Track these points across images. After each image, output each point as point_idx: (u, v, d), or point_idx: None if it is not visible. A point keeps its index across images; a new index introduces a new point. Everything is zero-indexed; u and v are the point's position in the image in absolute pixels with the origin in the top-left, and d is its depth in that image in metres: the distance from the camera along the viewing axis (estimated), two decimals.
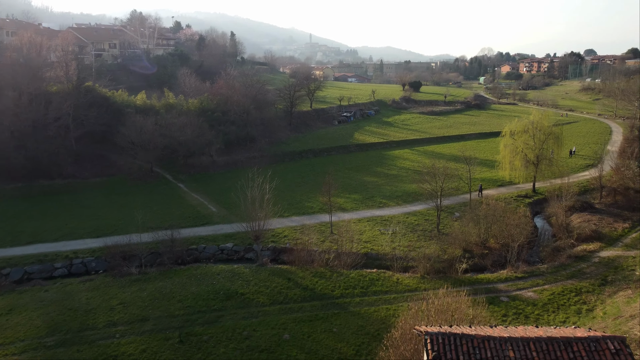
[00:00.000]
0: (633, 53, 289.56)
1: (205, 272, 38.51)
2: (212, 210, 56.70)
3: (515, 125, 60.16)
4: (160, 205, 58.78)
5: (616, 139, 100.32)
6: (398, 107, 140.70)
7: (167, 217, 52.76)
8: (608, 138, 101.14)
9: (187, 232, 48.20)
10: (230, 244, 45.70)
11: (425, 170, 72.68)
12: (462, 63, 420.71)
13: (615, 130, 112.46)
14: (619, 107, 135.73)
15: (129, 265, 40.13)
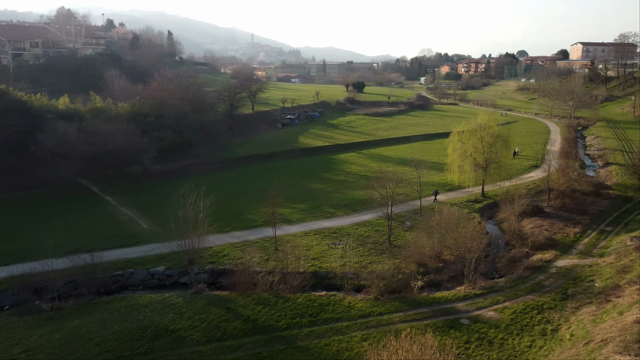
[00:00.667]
0: (562, 54, 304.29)
1: (132, 304, 33.56)
2: (144, 227, 51.23)
3: (463, 128, 58.65)
4: (83, 223, 52.66)
5: (555, 138, 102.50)
6: (343, 108, 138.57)
7: (91, 237, 47.03)
8: (547, 137, 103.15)
9: (113, 255, 42.82)
10: (163, 267, 40.75)
11: (374, 176, 70.90)
12: (403, 63, 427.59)
13: (553, 130, 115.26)
14: (554, 106, 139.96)
15: (41, 299, 34.53)
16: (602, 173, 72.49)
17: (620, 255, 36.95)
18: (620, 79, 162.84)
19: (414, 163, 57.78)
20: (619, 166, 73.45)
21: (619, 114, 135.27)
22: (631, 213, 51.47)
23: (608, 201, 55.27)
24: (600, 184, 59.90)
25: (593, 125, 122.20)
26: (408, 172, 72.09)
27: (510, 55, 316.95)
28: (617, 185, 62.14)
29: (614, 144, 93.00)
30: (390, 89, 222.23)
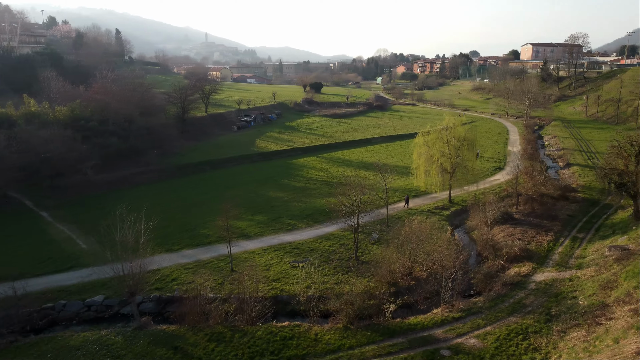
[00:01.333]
0: (513, 54, 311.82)
1: (61, 347, 28.54)
2: (82, 246, 45.62)
3: (429, 132, 55.99)
4: (9, 245, 46.49)
5: (514, 139, 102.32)
6: (301, 109, 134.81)
7: (17, 262, 41.20)
8: (506, 138, 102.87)
9: (43, 283, 37.41)
10: (101, 296, 35.63)
11: (336, 182, 67.50)
12: (359, 63, 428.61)
13: (511, 130, 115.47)
14: (510, 106, 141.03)
15: None
16: (564, 174, 71.83)
17: (600, 267, 34.82)
18: (571, 79, 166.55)
19: (378, 169, 54.40)
20: (580, 167, 73.10)
21: (572, 113, 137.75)
22: (599, 217, 50.17)
23: (576, 205, 53.93)
24: (567, 187, 58.73)
25: (548, 124, 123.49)
26: (371, 177, 69.30)
27: (464, 55, 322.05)
28: (582, 187, 61.24)
29: (572, 144, 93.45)
30: (348, 89, 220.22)
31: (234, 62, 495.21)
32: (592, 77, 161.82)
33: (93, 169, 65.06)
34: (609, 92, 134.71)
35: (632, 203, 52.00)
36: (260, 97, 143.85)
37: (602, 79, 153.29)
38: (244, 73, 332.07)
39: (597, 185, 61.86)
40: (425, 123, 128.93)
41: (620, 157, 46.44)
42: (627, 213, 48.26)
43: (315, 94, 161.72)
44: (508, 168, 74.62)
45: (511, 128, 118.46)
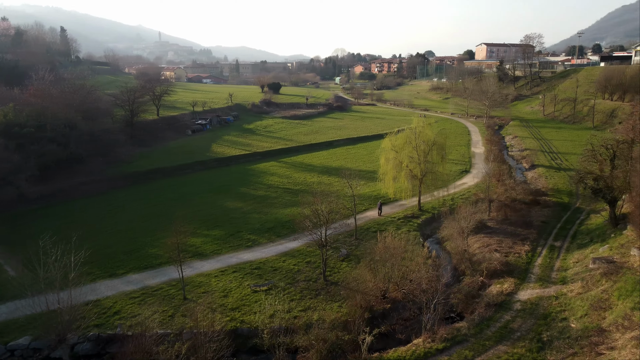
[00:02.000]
0: (469, 54, 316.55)
1: None
2: (10, 273, 39.72)
3: (397, 136, 52.81)
4: None
5: (476, 140, 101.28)
6: (259, 111, 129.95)
7: None
8: (469, 139, 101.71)
9: None
10: (27, 338, 30.20)
11: (298, 189, 63.49)
12: (317, 63, 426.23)
13: (472, 130, 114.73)
14: (470, 106, 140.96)
15: None
16: (531, 176, 70.49)
17: (587, 282, 32.36)
18: (527, 79, 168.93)
19: (345, 177, 50.78)
20: (545, 168, 72.00)
21: (529, 113, 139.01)
22: (573, 223, 48.38)
23: (548, 210, 52.06)
24: (538, 191, 57.00)
25: (508, 124, 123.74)
26: (335, 183, 65.73)
27: (421, 55, 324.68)
28: (552, 190, 59.70)
29: (534, 144, 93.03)
30: (307, 89, 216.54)
31: (188, 62, 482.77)
32: (547, 77, 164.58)
33: (28, 181, 58.41)
34: (564, 92, 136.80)
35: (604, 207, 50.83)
36: (216, 98, 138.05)
37: (557, 79, 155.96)
38: (199, 73, 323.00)
39: (565, 188, 60.65)
40: (386, 124, 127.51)
41: (595, 161, 44.62)
42: (601, 218, 46.60)
43: (274, 95, 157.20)
44: (474, 171, 72.94)
45: (472, 128, 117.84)
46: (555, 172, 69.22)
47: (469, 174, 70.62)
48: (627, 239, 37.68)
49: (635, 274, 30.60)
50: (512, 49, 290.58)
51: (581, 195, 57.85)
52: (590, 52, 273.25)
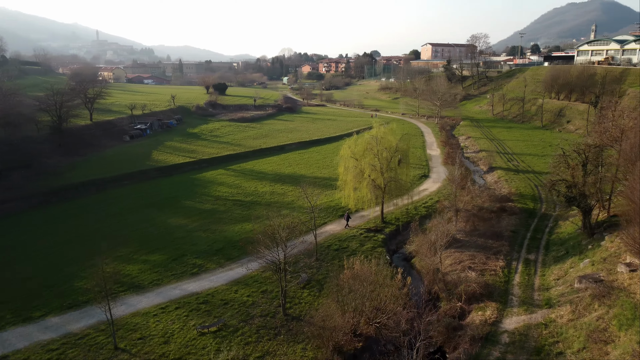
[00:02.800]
0: (414, 54, 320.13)
1: None
2: None
3: (356, 142, 48.56)
4: None
5: (430, 141, 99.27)
6: (204, 114, 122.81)
7: None
8: (423, 140, 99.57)
9: None
10: None
11: (249, 200, 58.05)
12: (264, 63, 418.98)
13: (425, 131, 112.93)
14: (421, 106, 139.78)
15: None
16: (490, 180, 68.48)
17: (577, 305, 29.23)
18: (474, 78, 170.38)
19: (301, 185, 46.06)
20: (503, 171, 70.24)
21: (478, 112, 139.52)
22: (543, 232, 45.97)
23: (515, 218, 49.44)
24: (504, 197, 54.44)
25: (459, 124, 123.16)
26: (289, 193, 60.88)
27: (368, 55, 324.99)
28: (515, 195, 57.45)
29: (488, 145, 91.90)
30: (254, 89, 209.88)
31: (129, 62, 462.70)
32: (493, 77, 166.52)
33: None
34: (511, 91, 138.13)
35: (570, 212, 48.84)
36: (158, 100, 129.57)
37: (503, 78, 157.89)
38: (140, 73, 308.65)
39: (528, 192, 58.69)
40: (338, 125, 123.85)
41: (566, 167, 42.15)
42: (572, 226, 44.33)
43: (220, 96, 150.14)
44: (434, 175, 70.18)
45: (425, 129, 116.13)
46: (515, 175, 67.49)
47: (428, 179, 67.67)
48: (608, 251, 35.10)
49: (630, 296, 27.65)
50: (457, 48, 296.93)
51: (545, 200, 56.08)
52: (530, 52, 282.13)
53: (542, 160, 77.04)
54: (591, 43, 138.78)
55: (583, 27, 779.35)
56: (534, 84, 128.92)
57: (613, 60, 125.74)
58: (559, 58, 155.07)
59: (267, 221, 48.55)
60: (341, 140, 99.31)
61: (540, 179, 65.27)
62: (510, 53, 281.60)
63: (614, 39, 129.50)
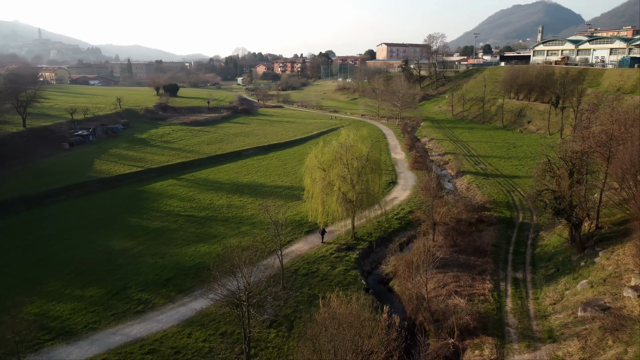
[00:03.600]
0: (370, 54, 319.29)
1: None
2: None
3: (324, 151, 43.68)
4: None
5: (393, 144, 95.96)
6: (154, 117, 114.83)
7: None
8: (386, 143, 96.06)
9: None
10: None
11: (204, 216, 52.16)
12: (217, 63, 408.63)
13: (387, 133, 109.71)
14: (381, 107, 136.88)
15: None
16: (460, 185, 65.39)
17: (587, 341, 25.54)
18: (432, 78, 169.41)
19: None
20: (473, 175, 67.32)
21: (438, 113, 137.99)
22: (525, 245, 42.84)
23: (494, 229, 46.13)
24: (480, 207, 51.04)
25: (420, 125, 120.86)
26: (248, 205, 55.42)
27: (324, 55, 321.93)
28: (489, 202, 54.31)
29: (452, 147, 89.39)
30: (208, 90, 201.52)
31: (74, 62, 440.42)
32: (451, 77, 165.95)
33: None
34: (470, 91, 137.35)
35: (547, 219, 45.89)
36: (103, 102, 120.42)
37: (461, 78, 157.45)
38: (86, 74, 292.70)
39: (502, 199, 55.75)
40: (298, 128, 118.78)
41: (552, 176, 38.88)
42: (556, 238, 41.26)
43: (171, 98, 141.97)
44: (401, 181, 66.40)
45: (386, 131, 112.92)
46: (485, 180, 64.66)
47: (396, 186, 63.77)
48: (606, 271, 31.81)
49: None
50: (412, 48, 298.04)
51: (520, 207, 53.19)
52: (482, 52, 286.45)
53: (509, 162, 74.89)
54: (547, 43, 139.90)
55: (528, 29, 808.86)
56: (492, 84, 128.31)
57: (569, 60, 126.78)
58: (515, 58, 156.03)
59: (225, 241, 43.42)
60: (302, 145, 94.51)
61: (511, 184, 62.70)
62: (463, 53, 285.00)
63: (568, 39, 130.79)
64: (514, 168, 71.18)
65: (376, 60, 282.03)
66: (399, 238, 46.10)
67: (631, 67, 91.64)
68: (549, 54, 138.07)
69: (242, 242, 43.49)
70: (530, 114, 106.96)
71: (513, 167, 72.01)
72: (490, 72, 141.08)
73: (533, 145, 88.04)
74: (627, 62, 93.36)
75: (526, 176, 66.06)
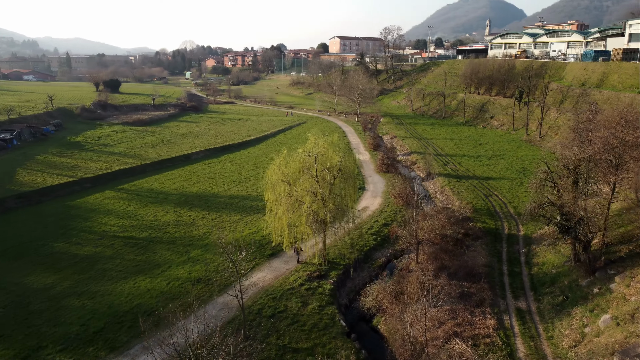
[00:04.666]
0: (323, 47, 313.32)
1: None
2: None
3: (288, 161, 36.71)
4: None
5: (355, 142, 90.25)
6: (91, 117, 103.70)
7: None
8: (347, 142, 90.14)
9: None
10: None
11: (147, 237, 44.13)
12: (164, 57, 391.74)
13: (347, 131, 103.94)
14: (338, 102, 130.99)
15: None
16: (432, 189, 60.29)
17: None
18: (389, 72, 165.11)
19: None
20: (444, 178, 62.37)
21: (396, 108, 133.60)
22: (519, 263, 37.79)
23: (481, 244, 40.88)
24: (464, 218, 45.66)
25: (379, 121, 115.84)
26: (200, 222, 47.91)
27: (276, 48, 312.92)
28: (469, 211, 49.16)
29: (417, 145, 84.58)
30: (153, 86, 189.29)
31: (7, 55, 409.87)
32: (408, 70, 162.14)
33: None
34: (429, 85, 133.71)
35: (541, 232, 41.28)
36: (33, 100, 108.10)
37: (418, 72, 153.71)
38: (19, 68, 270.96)
39: (481, 206, 50.84)
40: (252, 126, 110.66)
41: (552, 186, 33.82)
42: (553, 256, 36.41)
43: (112, 94, 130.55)
44: (370, 187, 60.56)
45: (346, 128, 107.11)
46: (458, 183, 59.81)
47: (365, 192, 57.83)
48: (631, 303, 26.83)
49: None
50: (365, 42, 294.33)
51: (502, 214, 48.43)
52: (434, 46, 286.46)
53: (479, 162, 70.62)
54: (504, 36, 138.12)
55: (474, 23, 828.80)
56: (451, 77, 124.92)
57: (526, 53, 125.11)
58: (472, 51, 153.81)
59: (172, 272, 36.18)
60: (257, 145, 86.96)
61: (486, 186, 58.08)
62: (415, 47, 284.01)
63: (525, 32, 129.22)
64: (486, 168, 66.88)
65: (329, 53, 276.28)
66: (376, 258, 40.13)
67: (595, 60, 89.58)
68: (507, 47, 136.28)
69: (192, 272, 36.28)
70: (493, 109, 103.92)
71: (484, 167, 67.73)
72: (449, 66, 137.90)
73: (499, 142, 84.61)
74: (590, 56, 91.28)
75: (500, 177, 61.81)
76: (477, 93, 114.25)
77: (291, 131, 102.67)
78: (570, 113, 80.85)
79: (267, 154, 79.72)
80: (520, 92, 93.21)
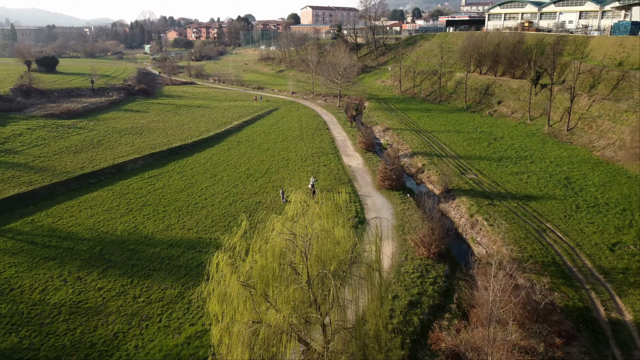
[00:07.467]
0: (294, 18, 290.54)
1: None
2: None
3: (255, 258, 18.42)
4: None
5: (341, 139, 72.26)
6: (6, 107, 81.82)
7: None
8: (331, 139, 72.01)
9: None
10: None
11: (14, 345, 25.53)
12: (121, 28, 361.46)
13: (328, 120, 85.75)
14: (315, 83, 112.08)
15: None
16: (455, 216, 43.28)
17: None
18: (369, 46, 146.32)
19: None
20: (469, 198, 45.38)
21: (382, 89, 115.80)
22: None
23: (578, 351, 24.16)
24: (551, 306, 28.47)
25: (364, 106, 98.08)
26: (112, 302, 29.42)
27: (243, 19, 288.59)
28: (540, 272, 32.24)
29: (417, 142, 67.41)
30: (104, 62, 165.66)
31: None
32: (392, 45, 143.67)
33: None
34: (419, 62, 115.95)
35: None
36: None
37: (404, 47, 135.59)
38: None
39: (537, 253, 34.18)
40: (212, 116, 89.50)
41: None
42: None
43: (44, 75, 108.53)
44: (371, 214, 42.65)
45: (327, 117, 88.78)
46: (491, 207, 42.97)
47: (367, 229, 40.12)
48: None
49: None
50: (339, 12, 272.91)
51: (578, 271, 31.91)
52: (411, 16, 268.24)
53: (503, 168, 54.24)
54: (504, 5, 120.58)
55: None
56: (444, 53, 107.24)
57: (532, 25, 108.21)
58: (465, 23, 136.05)
59: None
60: (217, 145, 67.25)
61: (532, 213, 41.42)
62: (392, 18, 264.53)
63: (529, 0, 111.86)
64: (517, 180, 50.41)
65: (302, 25, 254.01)
66: None
67: (632, 34, 73.20)
68: (507, 17, 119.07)
69: None
70: (500, 93, 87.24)
71: (514, 177, 51.26)
72: (440, 40, 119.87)
73: (518, 137, 68.25)
74: (625, 29, 74.73)
75: (543, 196, 45.33)
76: (478, 72, 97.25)
77: (261, 122, 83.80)
78: (610, 101, 64.68)
79: (229, 159, 61.02)
80: (537, 72, 76.66)
